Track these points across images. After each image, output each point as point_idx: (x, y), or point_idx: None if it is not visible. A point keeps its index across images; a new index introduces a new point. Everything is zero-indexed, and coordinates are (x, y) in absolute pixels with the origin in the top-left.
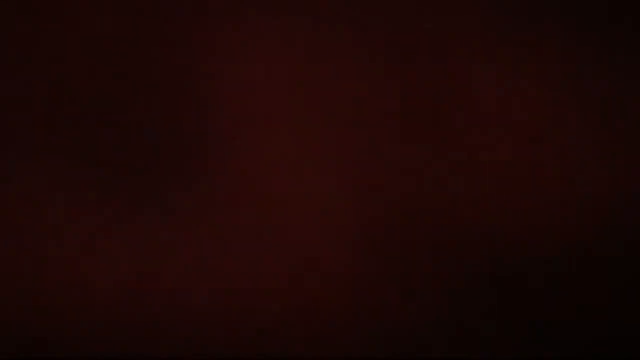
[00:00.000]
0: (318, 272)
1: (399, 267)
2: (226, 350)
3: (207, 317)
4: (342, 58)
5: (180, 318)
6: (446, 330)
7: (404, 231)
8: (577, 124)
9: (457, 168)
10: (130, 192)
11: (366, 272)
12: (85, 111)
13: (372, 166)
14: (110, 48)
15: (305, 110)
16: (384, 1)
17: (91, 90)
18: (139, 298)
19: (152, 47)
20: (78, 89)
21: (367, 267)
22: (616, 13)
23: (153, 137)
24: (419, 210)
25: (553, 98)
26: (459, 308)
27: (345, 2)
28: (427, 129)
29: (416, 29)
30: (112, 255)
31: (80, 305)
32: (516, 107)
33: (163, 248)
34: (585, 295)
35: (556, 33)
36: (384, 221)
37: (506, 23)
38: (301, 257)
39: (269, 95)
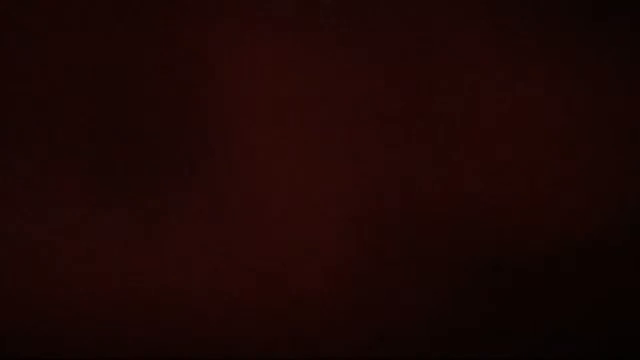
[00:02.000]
0: (318, 271)
1: (398, 266)
2: (226, 351)
3: (206, 316)
4: (342, 58)
5: (180, 318)
6: (446, 330)
7: (404, 231)
8: (578, 124)
9: (457, 168)
10: (130, 192)
11: (366, 272)
12: (84, 112)
13: (372, 166)
14: (110, 47)
15: (305, 110)
16: (385, 1)
17: (90, 90)
18: (138, 298)
19: (151, 47)
20: (77, 87)
21: (367, 266)
22: (617, 13)
23: (153, 137)
24: (419, 210)
25: (554, 98)
26: (458, 307)
27: (346, 2)
28: (427, 129)
29: (417, 28)
30: (112, 255)
31: (80, 306)
32: (517, 107)
33: (163, 248)
34: (585, 294)
35: (556, 33)
36: (384, 221)
37: (507, 23)
38: (302, 256)
39: (270, 96)
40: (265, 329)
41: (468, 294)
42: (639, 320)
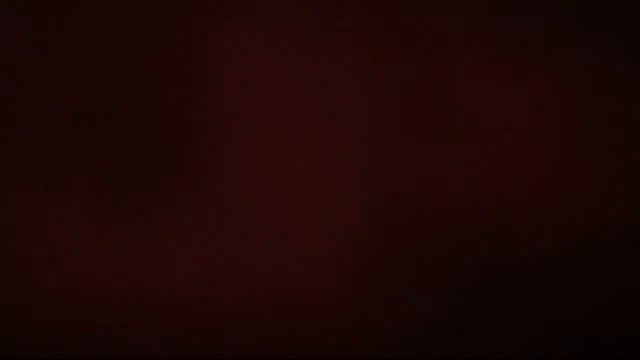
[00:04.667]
0: (318, 272)
1: (398, 267)
2: (226, 351)
3: (207, 316)
4: (342, 58)
5: (180, 318)
6: (446, 330)
7: (404, 231)
8: (578, 124)
9: (457, 167)
10: (131, 193)
11: (366, 273)
12: (86, 113)
13: (372, 166)
14: (112, 49)
15: (305, 111)
16: (385, 0)
17: (92, 92)
18: (139, 299)
19: (153, 48)
20: (79, 89)
21: (366, 267)
22: (616, 14)
23: (155, 139)
24: (419, 210)
25: (554, 98)
26: (459, 308)
27: (345, 2)
28: (427, 129)
29: (417, 28)
30: (112, 256)
31: (80, 306)
32: (516, 106)
33: (163, 249)
34: (585, 294)
35: (557, 34)
36: (384, 221)
37: (506, 23)
38: (301, 257)
39: (270, 96)
40: (265, 329)
41: (468, 294)
42: (638, 321)
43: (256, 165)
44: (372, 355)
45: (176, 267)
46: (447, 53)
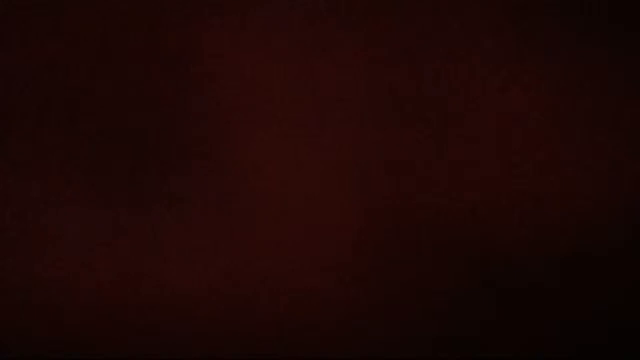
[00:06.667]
0: (317, 271)
1: (399, 266)
2: (226, 350)
3: (206, 315)
4: (342, 57)
5: (179, 317)
6: (446, 331)
7: (403, 231)
8: (577, 124)
9: (457, 168)
10: (130, 191)
11: (365, 272)
12: (85, 112)
13: (372, 166)
14: (111, 47)
15: (305, 109)
16: (385, 1)
17: (91, 90)
18: (138, 297)
19: (152, 46)
20: (77, 88)
21: (366, 267)
22: (616, 14)
23: (154, 138)
24: (418, 210)
25: (554, 99)
26: (458, 308)
27: (345, 2)
28: (428, 131)
29: (417, 28)
30: (113, 254)
31: (80, 306)
32: (517, 107)
33: (162, 247)
34: (585, 295)
35: (558, 34)
36: (383, 221)
37: (507, 23)
38: (301, 256)
39: (270, 94)
40: (265, 329)
41: (468, 294)
42: (638, 321)
43: (256, 165)
44: (372, 355)
45: (176, 266)
46: (448, 53)
